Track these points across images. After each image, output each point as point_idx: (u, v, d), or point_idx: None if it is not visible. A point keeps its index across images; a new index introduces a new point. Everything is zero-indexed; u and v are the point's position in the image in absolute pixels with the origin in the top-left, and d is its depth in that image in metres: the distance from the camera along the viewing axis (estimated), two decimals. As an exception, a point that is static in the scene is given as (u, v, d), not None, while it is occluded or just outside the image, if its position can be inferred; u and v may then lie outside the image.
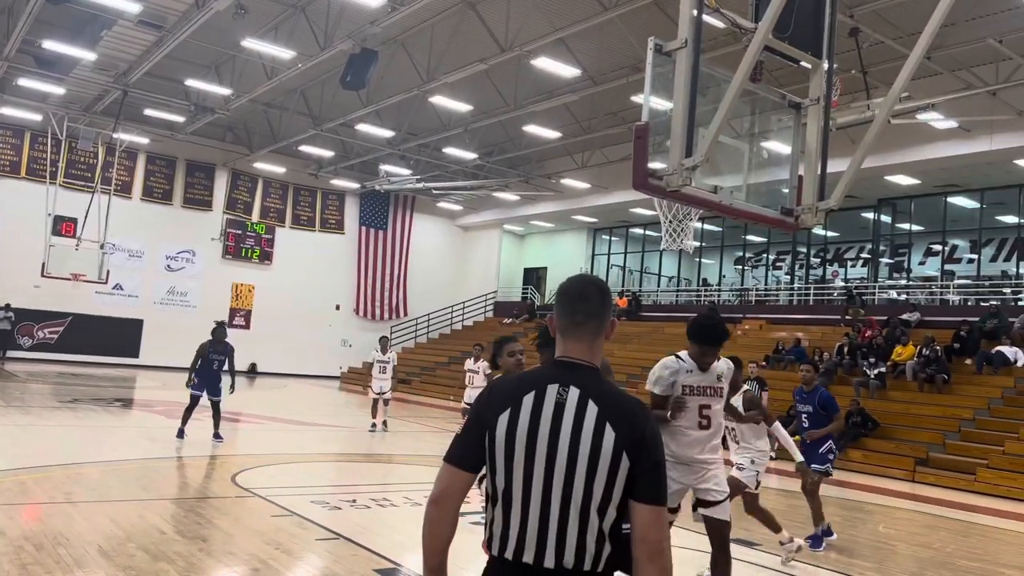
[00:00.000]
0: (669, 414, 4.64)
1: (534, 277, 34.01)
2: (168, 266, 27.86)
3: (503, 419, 2.02)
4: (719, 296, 27.19)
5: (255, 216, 29.56)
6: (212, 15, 15.21)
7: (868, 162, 12.60)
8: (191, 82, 20.49)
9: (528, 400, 2.03)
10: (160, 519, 6.73)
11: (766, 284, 27.10)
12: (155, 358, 26.30)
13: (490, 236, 34.11)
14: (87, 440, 11.24)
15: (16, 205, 24.07)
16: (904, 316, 18.93)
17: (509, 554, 1.99)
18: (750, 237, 27.54)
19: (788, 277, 26.71)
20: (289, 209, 30.36)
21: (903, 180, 20.62)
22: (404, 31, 17.58)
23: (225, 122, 25.97)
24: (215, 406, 11.48)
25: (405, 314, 32.47)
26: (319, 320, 29.92)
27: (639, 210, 26.29)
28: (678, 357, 4.78)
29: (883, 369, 16.60)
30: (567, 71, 17.00)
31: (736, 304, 26.24)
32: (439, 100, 19.93)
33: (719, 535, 4.84)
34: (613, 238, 31.96)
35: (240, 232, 29.13)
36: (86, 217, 22.05)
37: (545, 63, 16.63)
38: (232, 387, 11.61)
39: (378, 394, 15.10)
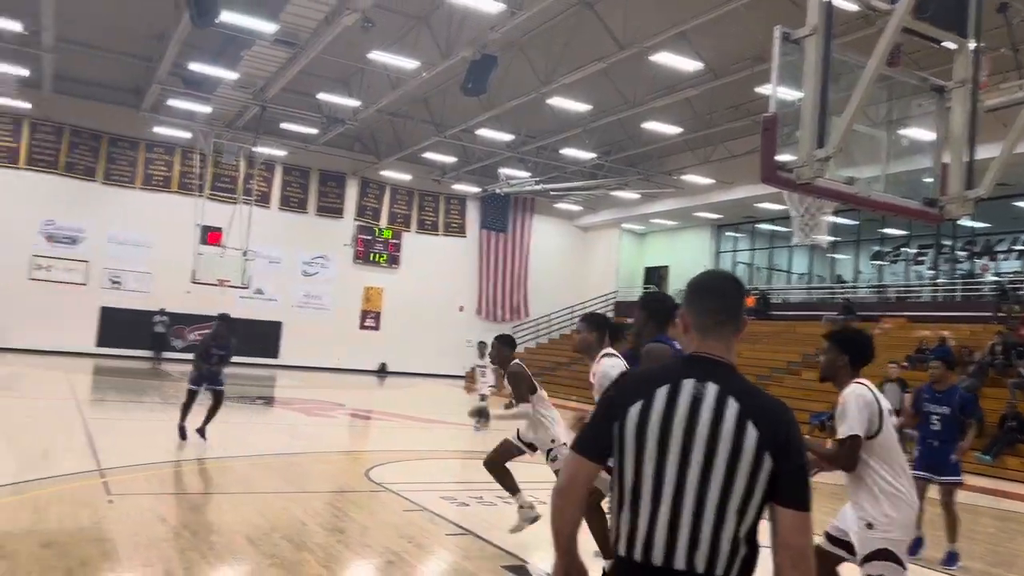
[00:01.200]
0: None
1: (655, 276, 33.49)
2: (304, 271, 29.36)
3: (634, 410, 1.98)
4: (855, 293, 25.84)
5: (383, 222, 30.68)
6: (341, 30, 15.91)
7: (1022, 146, 11.66)
8: (322, 95, 21.53)
9: (662, 393, 1.97)
10: (301, 511, 7.10)
11: (907, 280, 25.53)
12: (293, 358, 27.82)
13: (609, 235, 33.88)
14: (234, 435, 11.99)
15: (169, 217, 26.01)
16: (1067, 312, 17.36)
17: (637, 555, 1.93)
18: (888, 230, 26.01)
19: (931, 272, 25.03)
20: (415, 214, 31.33)
21: (1063, 164, 18.90)
22: (523, 34, 17.77)
23: (354, 132, 27.08)
24: (216, 396, 10.58)
25: (526, 315, 32.77)
26: (444, 321, 30.68)
27: (766, 205, 25.37)
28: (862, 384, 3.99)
29: (1043, 370, 15.27)
30: (688, 65, 16.67)
31: (874, 302, 24.87)
32: (557, 101, 20.01)
33: None
34: (739, 235, 31.01)
35: (369, 238, 30.32)
36: (230, 226, 23.55)
37: (665, 58, 16.37)
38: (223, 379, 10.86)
39: (481, 396, 15.12)
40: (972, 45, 4.74)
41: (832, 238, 26.37)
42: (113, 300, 25.88)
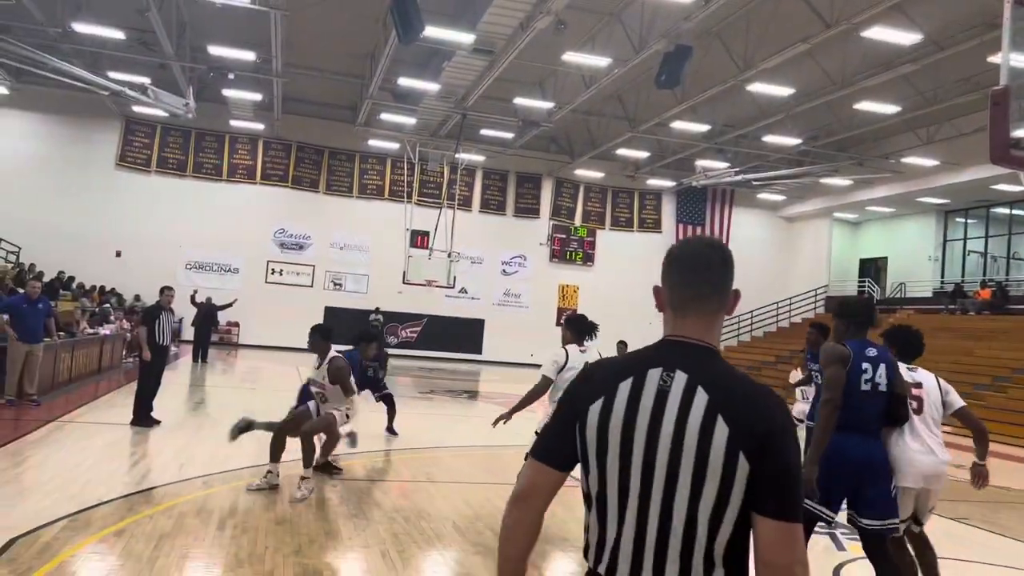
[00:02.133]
0: None
1: (872, 268, 31.10)
2: (503, 270, 30.38)
3: (595, 409, 1.70)
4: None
5: (577, 220, 31.01)
6: (535, 34, 16.26)
7: None
8: (518, 100, 22.14)
9: (624, 387, 1.69)
10: (503, 502, 7.33)
11: None
12: (495, 354, 28.89)
13: (818, 226, 31.89)
14: (441, 427, 12.68)
15: (382, 223, 27.99)
16: None
17: (603, 569, 1.68)
18: None
19: None
20: (608, 212, 31.35)
21: None
22: (719, 22, 17.21)
23: (548, 134, 27.59)
24: (387, 400, 10.85)
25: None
26: (640, 318, 30.22)
27: (1003, 187, 22.75)
28: None
29: None
30: (906, 38, 15.37)
31: None
32: (757, 87, 19.18)
33: None
34: (970, 220, 28.02)
35: (564, 236, 30.77)
36: (436, 230, 24.89)
37: (879, 32, 15.21)
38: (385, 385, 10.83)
39: None
40: None
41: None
42: (335, 300, 28.27)
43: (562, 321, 6.51)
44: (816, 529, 5.69)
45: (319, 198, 28.52)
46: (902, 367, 4.66)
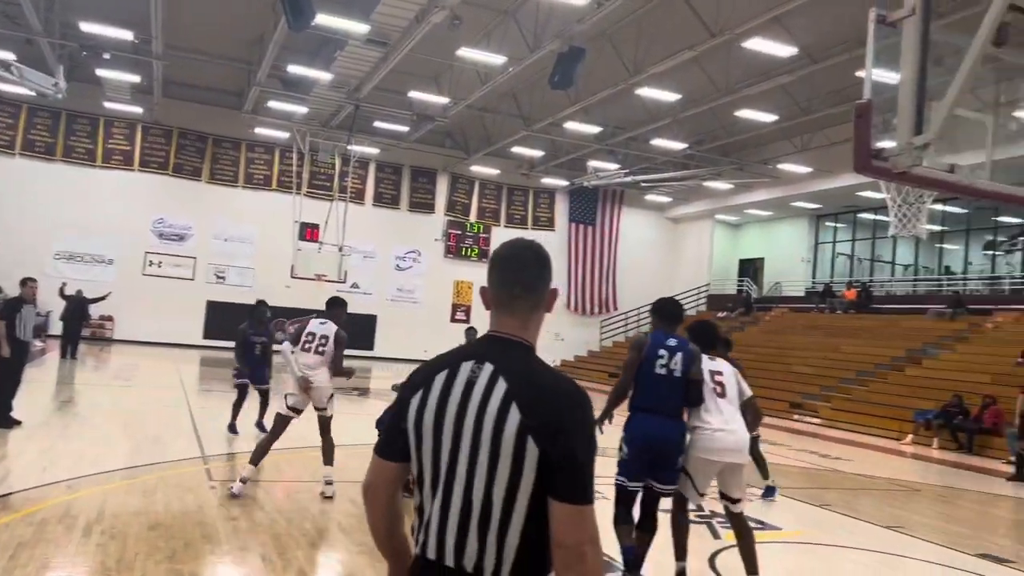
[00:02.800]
0: None
1: (751, 268, 32.62)
2: (397, 266, 30.05)
3: (414, 402, 1.85)
4: (965, 285, 24.47)
5: (473, 217, 31.04)
6: (430, 28, 16.14)
7: None
8: (413, 93, 21.94)
9: (440, 379, 1.83)
10: (390, 500, 7.26)
11: (1023, 271, 23.98)
12: (387, 350, 28.53)
13: (701, 227, 33.18)
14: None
15: (269, 215, 27.13)
16: None
17: (419, 549, 1.82)
18: (1002, 219, 24.49)
19: (1052, 262, 23.43)
20: (503, 209, 31.55)
21: None
22: (611, 25, 17.59)
23: (444, 129, 27.47)
24: (262, 394, 10.41)
25: (615, 308, 32.52)
26: (533, 315, 30.79)
27: (868, 194, 24.30)
28: None
29: None
30: (783, 50, 16.16)
31: (986, 294, 23.49)
32: (646, 91, 19.72)
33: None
34: (839, 225, 29.84)
35: (460, 232, 30.74)
36: (326, 223, 24.33)
37: (758, 44, 15.92)
38: (268, 375, 10.52)
39: None
40: (1091, 20, 4.40)
41: (936, 228, 25.15)
42: (218, 294, 27.17)
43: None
44: (693, 519, 5.93)
45: (202, 187, 27.33)
46: (703, 357, 5.20)
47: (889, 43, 4.31)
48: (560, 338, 31.09)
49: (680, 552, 5.23)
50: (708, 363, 5.21)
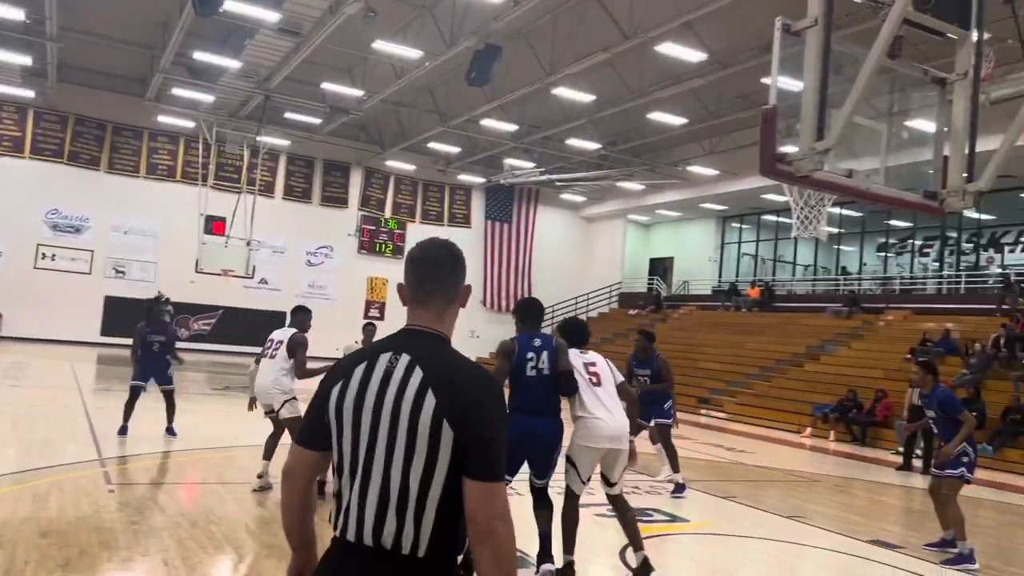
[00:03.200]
0: None
1: (660, 267, 33.44)
2: (308, 261, 29.40)
3: (334, 392, 1.95)
4: (859, 285, 25.77)
5: (387, 212, 30.68)
6: (344, 19, 15.86)
7: (1028, 138, 11.55)
8: (326, 85, 21.49)
9: (359, 371, 1.94)
10: (301, 501, 7.09)
11: (912, 272, 25.43)
12: (297, 348, 27.81)
13: (614, 226, 33.81)
14: (237, 425, 12.03)
15: (173, 207, 26.08)
16: (1072, 305, 17.27)
17: (339, 531, 1.91)
18: (894, 222, 25.91)
19: (936, 264, 24.94)
20: (419, 205, 31.32)
21: (1071, 156, 18.76)
22: (527, 24, 17.69)
23: (358, 122, 27.05)
24: (167, 396, 9.96)
25: (531, 305, 32.73)
26: (448, 312, 30.71)
27: (771, 196, 25.26)
28: None
29: (1047, 363, 15.23)
30: (693, 55, 16.59)
31: (878, 293, 24.80)
32: (562, 91, 19.93)
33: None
34: (744, 226, 30.92)
35: (374, 228, 30.33)
36: (234, 216, 23.57)
37: (670, 48, 16.30)
38: (175, 359, 10.21)
39: None
40: (974, 36, 4.69)
41: (834, 230, 26.38)
42: (117, 289, 25.95)
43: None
44: (605, 512, 6.02)
45: (100, 177, 26.03)
46: (575, 352, 5.48)
47: (793, 52, 4.47)
48: (475, 335, 31.10)
49: (568, 546, 5.34)
50: (581, 357, 5.47)
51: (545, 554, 5.21)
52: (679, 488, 8.67)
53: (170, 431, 9.89)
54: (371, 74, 21.04)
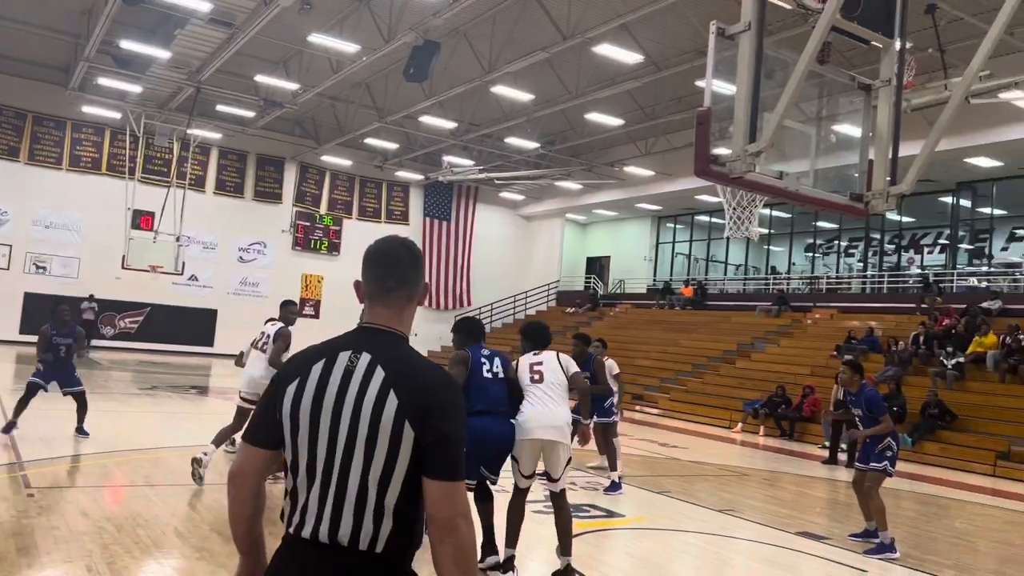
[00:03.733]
0: None
1: (597, 266, 33.81)
2: (240, 257, 28.72)
3: (291, 390, 1.92)
4: (788, 284, 26.55)
5: (323, 208, 30.20)
6: (279, 11, 15.53)
7: (946, 144, 12.12)
8: (260, 78, 21.04)
9: (317, 368, 1.92)
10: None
11: (838, 272, 26.33)
12: (229, 347, 27.08)
13: (552, 225, 34.04)
14: (165, 426, 11.70)
15: (98, 200, 25.13)
16: (985, 304, 18.15)
17: (293, 529, 1.89)
18: (821, 223, 26.78)
19: (861, 264, 25.89)
20: (356, 201, 30.92)
21: (984, 162, 19.72)
22: (466, 22, 17.64)
23: (293, 116, 26.55)
24: (77, 398, 9.53)
25: (468, 304, 32.73)
26: (385, 310, 30.41)
27: (705, 197, 25.83)
28: None
29: (962, 359, 15.97)
30: (630, 57, 16.80)
31: (806, 292, 25.59)
32: (501, 90, 19.95)
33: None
34: (678, 226, 31.50)
35: (309, 224, 29.81)
36: (163, 211, 22.86)
37: (607, 50, 16.46)
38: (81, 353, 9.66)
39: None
40: (897, 45, 4.88)
41: (765, 230, 27.10)
42: (38, 285, 24.86)
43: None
44: (541, 509, 6.05)
45: (19, 168, 24.89)
46: (528, 355, 5.65)
47: (728, 55, 4.57)
48: (413, 333, 30.84)
49: (511, 540, 5.44)
50: (531, 359, 5.61)
51: (489, 545, 5.33)
52: (614, 486, 8.78)
53: (81, 431, 9.51)
54: (307, 67, 20.68)
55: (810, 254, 27.81)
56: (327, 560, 1.84)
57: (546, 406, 5.38)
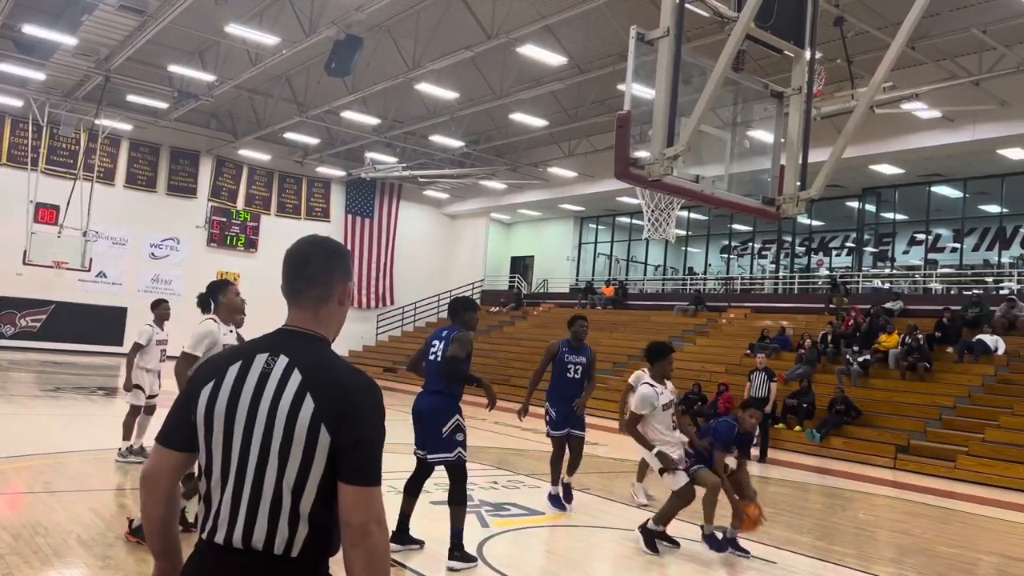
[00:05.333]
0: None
1: (521, 265, 34.00)
2: (152, 254, 27.66)
3: (205, 392, 1.89)
4: (704, 285, 27.28)
5: (240, 203, 29.37)
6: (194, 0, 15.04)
7: (853, 151, 12.67)
8: (174, 68, 20.29)
9: (233, 371, 1.89)
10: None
11: (751, 273, 27.21)
12: (139, 346, 26.12)
13: (477, 224, 34.05)
14: (69, 429, 11.17)
15: (-3, 192, 23.81)
16: (888, 305, 19.06)
17: (207, 534, 1.86)
18: (736, 226, 27.62)
19: (773, 266, 26.83)
20: (274, 197, 30.18)
21: (888, 169, 20.72)
22: (390, 17, 17.45)
23: (209, 108, 25.75)
24: None
25: (392, 302, 32.41)
26: (305, 308, 29.80)
27: (625, 199, 26.30)
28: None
29: (866, 357, 16.73)
30: (553, 59, 16.94)
31: (721, 293, 26.35)
32: (425, 87, 19.82)
33: None
34: (600, 226, 31.97)
35: (225, 220, 28.94)
36: (68, 204, 21.82)
37: (531, 51, 16.55)
38: None
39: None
40: (808, 55, 5.07)
41: (682, 232, 27.79)
42: (-71, 282, 23.41)
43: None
44: (469, 509, 6.05)
45: (-91, 156, 23.38)
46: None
47: (647, 60, 4.66)
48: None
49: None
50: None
51: (401, 533, 5.76)
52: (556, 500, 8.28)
53: None
54: (224, 59, 20.07)
55: (725, 255, 28.65)
56: (240, 565, 1.81)
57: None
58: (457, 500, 5.60)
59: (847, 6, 13.79)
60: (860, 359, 16.70)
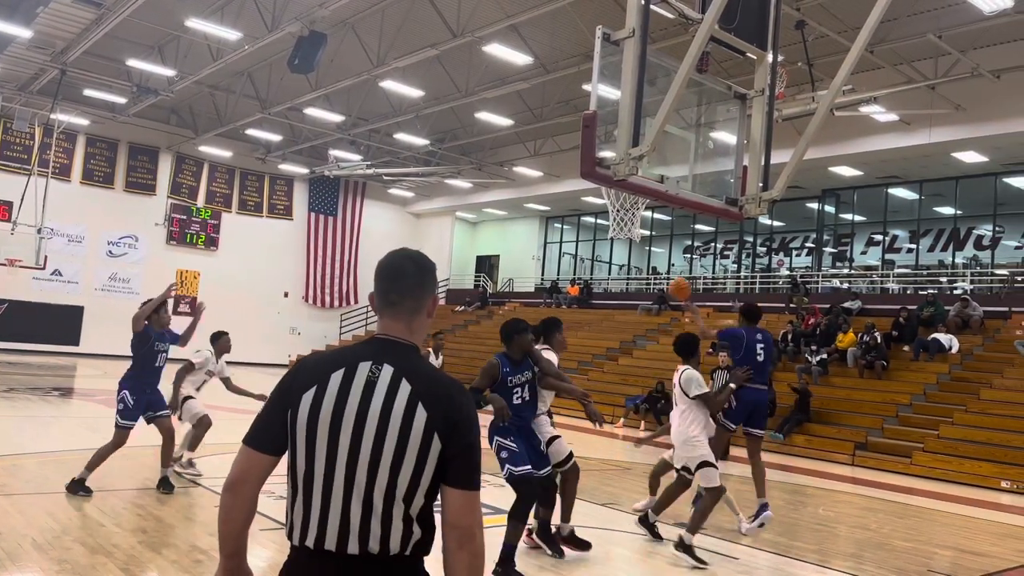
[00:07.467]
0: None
1: (487, 265, 33.99)
2: (110, 252, 27.10)
3: (307, 397, 1.91)
4: (668, 284, 27.51)
5: (200, 201, 28.91)
6: (154, -7, 14.77)
7: (813, 153, 12.91)
8: (133, 62, 19.91)
9: (336, 377, 1.92)
10: (99, 511, 6.55)
11: (714, 272, 27.53)
12: (96, 346, 25.57)
13: (442, 223, 33.94)
14: (23, 431, 10.90)
15: (-53, 187, 23.13)
16: (846, 304, 19.44)
17: (311, 542, 1.88)
18: (699, 226, 27.91)
19: (735, 266, 27.17)
20: (236, 194, 29.75)
21: (846, 171, 21.11)
22: (354, 14, 17.31)
23: (169, 104, 25.31)
24: None
25: (356, 302, 32.16)
26: (267, 307, 29.44)
27: (590, 199, 26.42)
28: None
29: (825, 356, 17.03)
30: (519, 58, 16.96)
31: (685, 292, 26.57)
32: (390, 85, 19.70)
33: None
34: (565, 226, 32.09)
35: (185, 217, 28.47)
36: (22, 200, 21.28)
37: (497, 50, 16.55)
38: None
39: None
40: (770, 57, 5.14)
41: (646, 232, 28.02)
42: None
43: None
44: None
45: None
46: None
47: (613, 60, 4.69)
48: (296, 332, 30.10)
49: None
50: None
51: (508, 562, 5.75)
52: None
53: None
54: (184, 54, 19.73)
55: (688, 255, 28.94)
56: (351, 571, 1.87)
57: None
58: (511, 514, 5.72)
59: (808, 10, 14.02)
60: (819, 358, 17.00)
